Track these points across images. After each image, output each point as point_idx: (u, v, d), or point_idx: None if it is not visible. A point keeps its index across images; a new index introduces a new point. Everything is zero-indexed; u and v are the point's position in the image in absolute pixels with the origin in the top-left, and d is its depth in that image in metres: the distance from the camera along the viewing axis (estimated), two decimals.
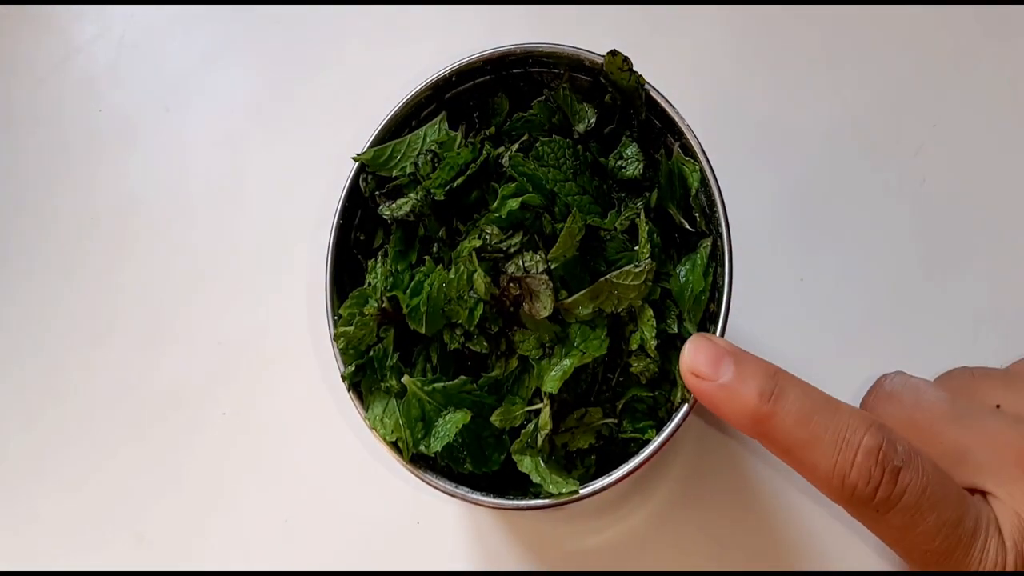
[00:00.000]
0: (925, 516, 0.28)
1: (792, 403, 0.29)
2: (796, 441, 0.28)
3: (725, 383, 0.29)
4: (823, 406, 0.29)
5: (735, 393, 0.29)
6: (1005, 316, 0.45)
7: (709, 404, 0.30)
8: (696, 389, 0.30)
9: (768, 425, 0.29)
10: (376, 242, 0.41)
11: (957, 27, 0.50)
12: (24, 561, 0.49)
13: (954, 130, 0.48)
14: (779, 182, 0.49)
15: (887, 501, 0.28)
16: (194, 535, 0.48)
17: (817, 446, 0.28)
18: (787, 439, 0.29)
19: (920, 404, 0.36)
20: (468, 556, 0.46)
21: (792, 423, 0.28)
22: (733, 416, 0.29)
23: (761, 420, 0.29)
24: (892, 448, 0.28)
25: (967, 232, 0.47)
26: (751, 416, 0.29)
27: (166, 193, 0.55)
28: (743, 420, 0.29)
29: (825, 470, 0.28)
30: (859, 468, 0.28)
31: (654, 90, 0.37)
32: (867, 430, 0.28)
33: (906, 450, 0.29)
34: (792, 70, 0.51)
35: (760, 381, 0.29)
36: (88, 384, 0.52)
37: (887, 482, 0.28)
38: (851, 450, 0.28)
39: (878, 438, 0.28)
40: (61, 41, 0.60)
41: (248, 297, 0.52)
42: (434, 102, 0.40)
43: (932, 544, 0.28)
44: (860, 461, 0.28)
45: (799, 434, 0.28)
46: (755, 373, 0.29)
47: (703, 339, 0.31)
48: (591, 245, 0.35)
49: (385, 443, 0.35)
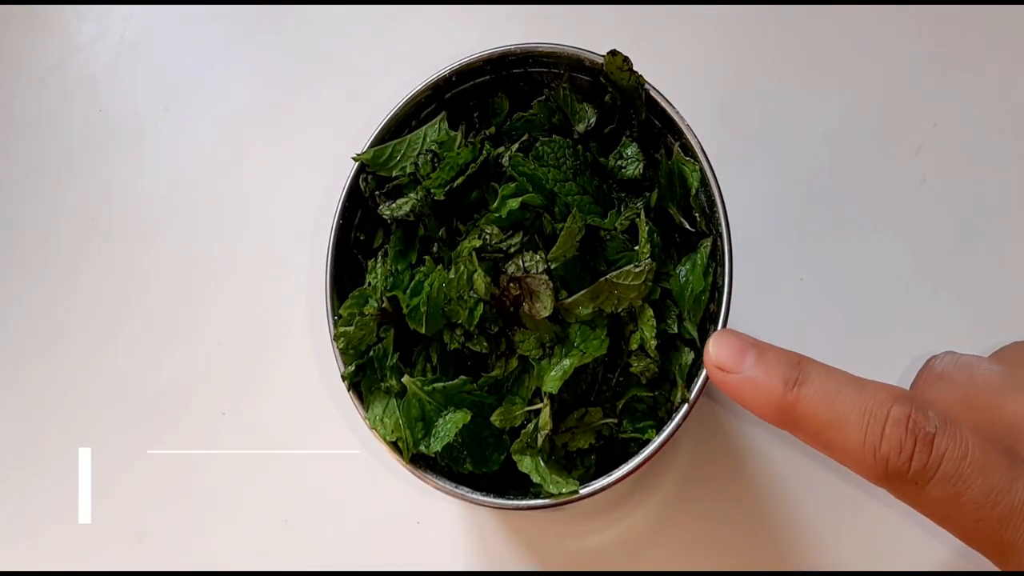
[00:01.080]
0: (969, 483, 0.26)
1: (817, 387, 0.28)
2: (823, 423, 0.28)
3: (750, 374, 0.29)
4: (848, 385, 0.28)
5: (760, 383, 0.29)
6: (1005, 315, 0.45)
7: (736, 396, 0.30)
8: (722, 382, 0.30)
9: (795, 412, 0.28)
10: (376, 242, 0.41)
11: (957, 27, 0.50)
12: (24, 561, 0.49)
13: (954, 130, 0.48)
14: (779, 182, 0.49)
15: (924, 471, 0.26)
16: (194, 535, 0.48)
17: (844, 425, 0.27)
18: (814, 423, 0.28)
19: (974, 380, 0.34)
20: (468, 556, 0.46)
21: (818, 406, 0.28)
22: (760, 407, 0.29)
23: (787, 408, 0.28)
24: (922, 415, 0.27)
25: (967, 232, 0.47)
26: (777, 405, 0.28)
27: (166, 193, 0.55)
28: (770, 410, 0.29)
29: (855, 448, 0.27)
30: (889, 439, 0.27)
31: (654, 90, 0.37)
32: (895, 401, 0.27)
33: (939, 417, 0.27)
34: (792, 70, 0.51)
35: (784, 369, 0.29)
36: (88, 384, 0.52)
37: (921, 451, 0.26)
38: (879, 423, 0.27)
39: (906, 407, 0.27)
40: (61, 41, 0.60)
41: (248, 297, 0.52)
42: (434, 102, 0.40)
43: (983, 513, 0.26)
44: (889, 432, 0.27)
45: (826, 416, 0.28)
46: (779, 362, 0.29)
47: (726, 333, 0.31)
48: (591, 245, 0.35)
49: (385, 443, 0.35)
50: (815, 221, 0.48)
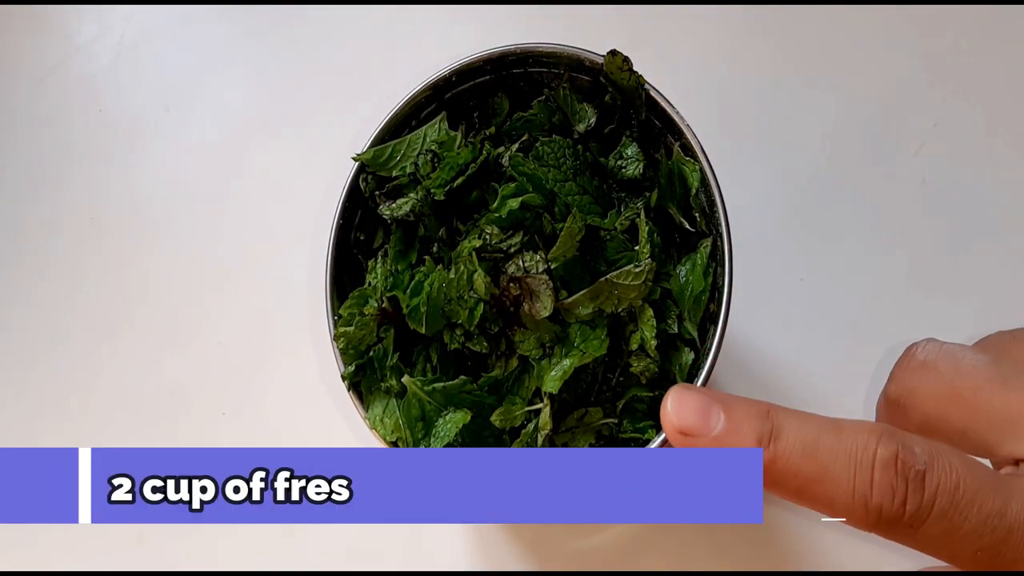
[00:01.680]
0: (966, 515, 0.25)
1: (793, 439, 0.26)
2: (806, 478, 0.26)
3: (718, 436, 0.26)
4: (826, 431, 0.26)
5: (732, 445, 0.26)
6: (1005, 315, 0.45)
7: None
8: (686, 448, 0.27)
9: (774, 470, 0.26)
10: (376, 242, 0.41)
11: (957, 27, 0.50)
12: (24, 561, 0.49)
13: (954, 130, 0.48)
14: (779, 182, 0.49)
15: (919, 512, 0.25)
16: (194, 535, 0.48)
17: (829, 476, 0.25)
18: (796, 479, 0.26)
19: (960, 370, 0.32)
20: (468, 556, 0.46)
21: (798, 460, 0.26)
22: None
23: (765, 468, 0.26)
24: (910, 453, 0.25)
25: (967, 232, 0.47)
26: None
27: (166, 193, 0.55)
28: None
29: (845, 500, 0.25)
30: (879, 486, 0.25)
31: (654, 90, 0.37)
32: (879, 441, 0.25)
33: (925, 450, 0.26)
34: (792, 70, 0.51)
35: (755, 424, 0.26)
36: (89, 384, 0.52)
37: (914, 492, 0.25)
38: (866, 469, 0.25)
39: (891, 446, 0.25)
40: (61, 41, 0.60)
41: (248, 297, 0.52)
42: (434, 102, 0.40)
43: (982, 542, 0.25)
44: (879, 478, 0.25)
45: (808, 469, 0.26)
46: (748, 416, 0.27)
47: (684, 391, 0.28)
48: (591, 245, 0.35)
49: (385, 443, 0.35)
50: (815, 221, 0.48)
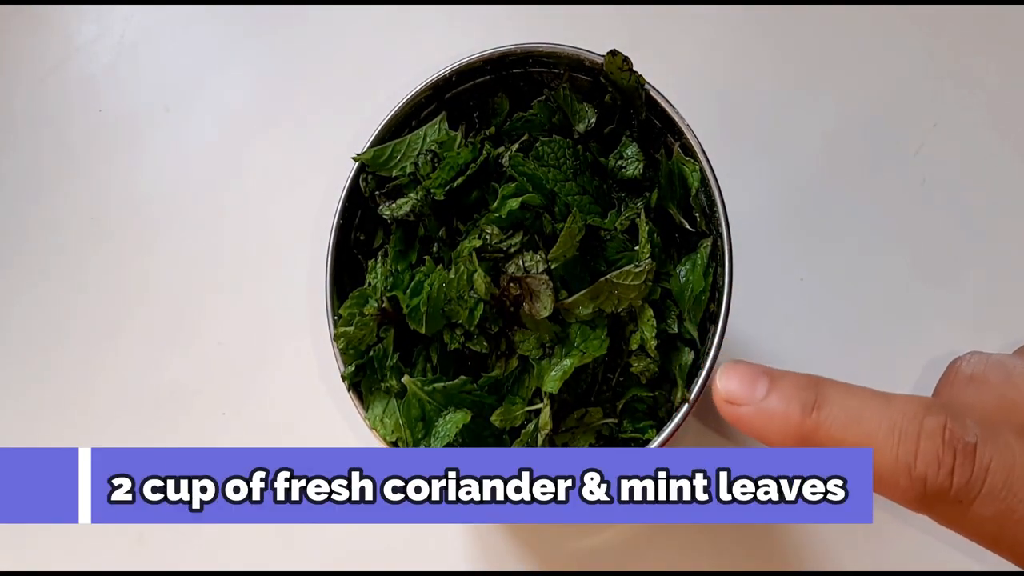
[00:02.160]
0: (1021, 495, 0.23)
1: (838, 407, 0.26)
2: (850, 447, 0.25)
3: (763, 404, 0.26)
4: (872, 401, 0.26)
5: (775, 412, 0.26)
6: (1006, 315, 0.45)
7: (750, 430, 0.27)
8: (734, 417, 0.27)
9: (816, 438, 0.26)
10: (376, 242, 0.41)
11: (956, 27, 0.50)
12: (24, 561, 0.49)
13: (954, 130, 0.48)
14: (779, 182, 0.49)
15: (968, 487, 0.23)
16: (194, 535, 0.48)
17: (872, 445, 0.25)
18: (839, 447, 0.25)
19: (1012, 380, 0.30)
20: (468, 556, 0.46)
21: (841, 428, 0.25)
22: (777, 437, 0.26)
23: (808, 435, 0.26)
24: (959, 424, 0.24)
25: (967, 232, 0.47)
26: (796, 433, 0.26)
27: (166, 193, 0.55)
28: (789, 440, 0.26)
29: (888, 469, 0.24)
30: (924, 456, 0.24)
31: (654, 90, 0.37)
32: (927, 412, 0.24)
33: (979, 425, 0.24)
34: (792, 70, 0.51)
35: (800, 394, 0.26)
36: (89, 384, 0.52)
37: (962, 464, 0.23)
38: (911, 438, 0.24)
39: (940, 417, 0.24)
40: (61, 41, 0.60)
41: (248, 297, 0.52)
42: (434, 102, 0.40)
43: None
44: (924, 447, 0.24)
45: (851, 438, 0.25)
46: (793, 386, 0.26)
47: (733, 363, 0.28)
48: (591, 245, 0.35)
49: (385, 443, 0.35)
50: (815, 221, 0.48)
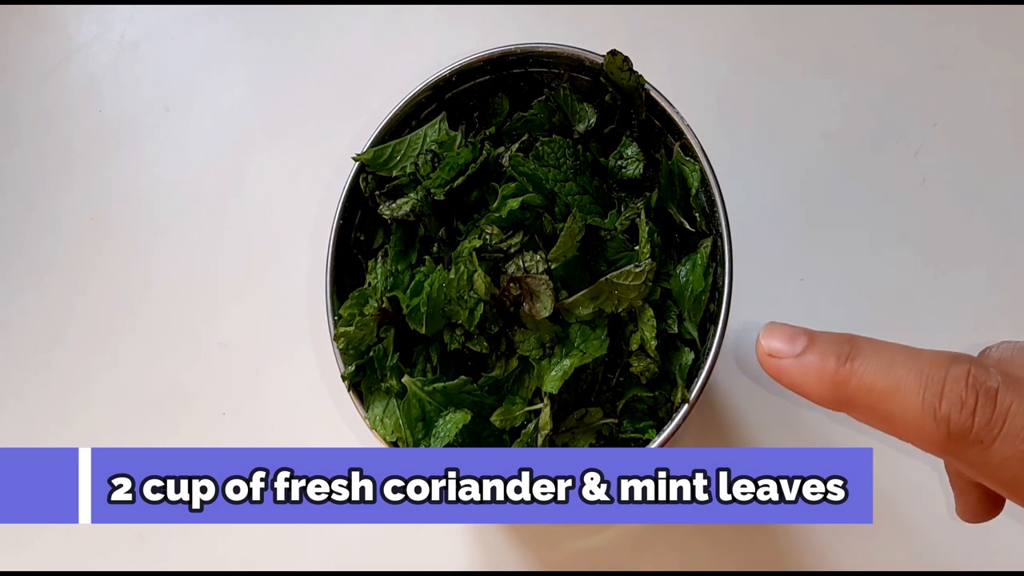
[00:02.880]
0: None
1: (871, 358, 0.28)
2: (880, 393, 0.27)
3: (801, 356, 0.29)
4: (903, 353, 0.28)
5: (812, 364, 0.28)
6: (1006, 315, 0.45)
7: (789, 381, 0.29)
8: (774, 368, 0.30)
9: (850, 386, 0.28)
10: (376, 242, 0.41)
11: (957, 27, 0.50)
12: (24, 561, 0.49)
13: (954, 130, 0.48)
14: (779, 182, 0.49)
15: (988, 427, 0.25)
16: (194, 535, 0.48)
17: (902, 390, 0.27)
18: (870, 395, 0.27)
19: None
20: (468, 556, 0.46)
21: (873, 376, 0.27)
22: (814, 386, 0.28)
23: (841, 383, 0.28)
24: (983, 371, 0.26)
25: (967, 232, 0.47)
26: (831, 382, 0.28)
27: (166, 193, 0.55)
28: (823, 388, 0.28)
29: (915, 412, 0.26)
30: (949, 397, 0.26)
31: (654, 90, 0.37)
32: (952, 361, 0.26)
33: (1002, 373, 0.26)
34: (792, 70, 0.51)
35: (835, 346, 0.28)
36: (89, 384, 0.52)
37: (984, 405, 0.25)
38: (938, 383, 0.26)
39: (965, 364, 0.26)
40: (61, 41, 0.60)
41: (248, 298, 0.52)
42: (434, 102, 0.40)
43: None
44: (949, 390, 0.26)
45: (881, 384, 0.27)
46: (830, 340, 0.29)
47: (775, 324, 0.31)
48: (591, 245, 0.35)
49: (385, 443, 0.35)
50: (815, 221, 0.48)
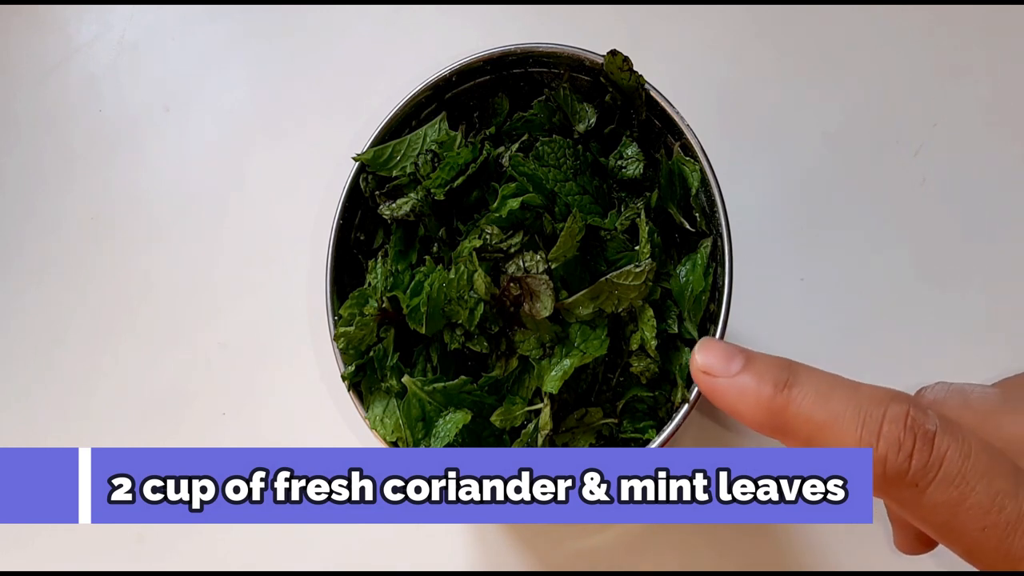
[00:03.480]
0: (973, 486, 0.25)
1: (809, 387, 0.27)
2: (816, 425, 0.26)
3: (737, 377, 0.28)
4: (842, 386, 0.27)
5: (748, 386, 0.28)
6: (1006, 315, 0.45)
7: (722, 401, 0.29)
8: (708, 387, 0.29)
9: (786, 414, 0.27)
10: (376, 242, 0.41)
11: (957, 27, 0.50)
12: (24, 561, 0.49)
13: (954, 130, 0.48)
14: (779, 182, 0.49)
15: (924, 470, 0.25)
16: (194, 535, 0.48)
17: (839, 424, 0.26)
18: (807, 425, 0.27)
19: (969, 404, 0.33)
20: (468, 556, 0.46)
21: (810, 406, 0.27)
22: (748, 410, 0.28)
23: (777, 410, 0.27)
24: (922, 413, 0.26)
25: (967, 232, 0.47)
26: (767, 408, 0.27)
27: (166, 193, 0.55)
28: (759, 413, 0.27)
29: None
30: (887, 438, 0.25)
31: (654, 90, 0.37)
32: (892, 399, 0.26)
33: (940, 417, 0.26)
34: (792, 70, 0.51)
35: (774, 372, 0.28)
36: (89, 384, 0.52)
37: (921, 448, 0.25)
38: (875, 421, 0.26)
39: (904, 405, 0.26)
40: (61, 41, 0.60)
41: (248, 298, 0.52)
42: (434, 102, 0.40)
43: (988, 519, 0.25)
44: (887, 430, 0.25)
45: (818, 416, 0.26)
46: (768, 364, 0.28)
47: (712, 340, 0.30)
48: (591, 245, 0.35)
49: (385, 443, 0.35)
50: (815, 221, 0.48)
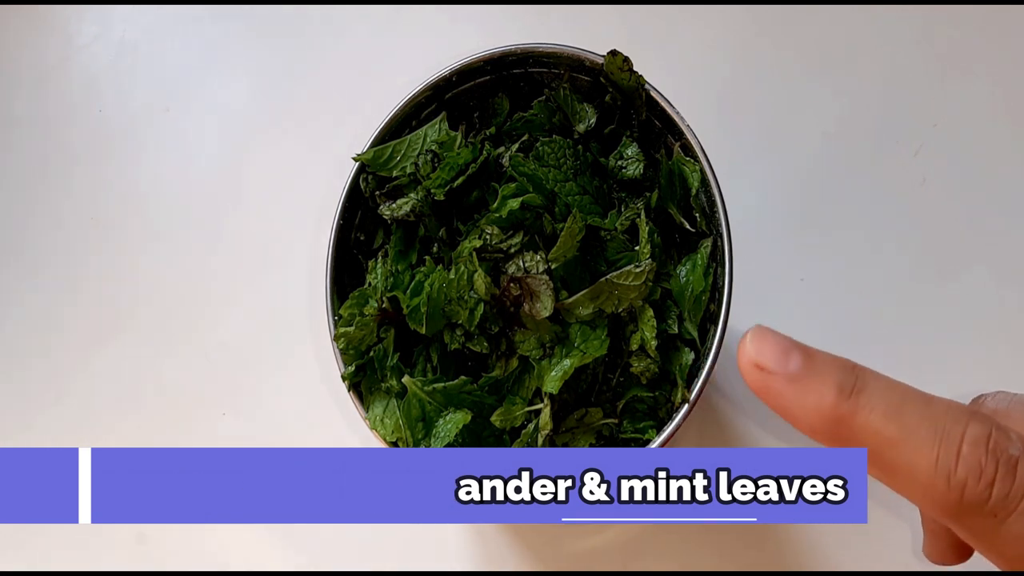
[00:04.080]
0: None
1: (877, 397, 0.24)
2: (886, 440, 0.24)
3: (795, 375, 0.25)
4: (914, 397, 0.24)
5: (808, 388, 0.24)
6: (1005, 315, 0.45)
7: (775, 403, 0.25)
8: (759, 384, 0.25)
9: (850, 425, 0.24)
10: (376, 242, 0.41)
11: (957, 27, 0.50)
12: (24, 561, 0.49)
13: (954, 130, 0.48)
14: (779, 182, 0.49)
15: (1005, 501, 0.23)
16: (194, 535, 0.48)
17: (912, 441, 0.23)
18: (875, 438, 0.24)
19: None
20: (468, 556, 0.46)
21: (879, 419, 0.24)
22: (806, 416, 0.25)
23: (842, 419, 0.24)
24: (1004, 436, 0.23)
25: (967, 232, 0.47)
26: (829, 415, 0.24)
27: (167, 194, 0.55)
28: (819, 421, 0.24)
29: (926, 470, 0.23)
30: (966, 461, 0.23)
31: (654, 90, 0.37)
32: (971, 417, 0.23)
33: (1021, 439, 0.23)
34: (792, 70, 0.51)
35: (837, 374, 0.25)
36: (89, 384, 0.52)
37: (1004, 476, 0.23)
38: (954, 442, 0.23)
39: (986, 426, 0.23)
40: (61, 41, 0.60)
41: (249, 298, 0.52)
42: (434, 102, 0.40)
43: None
44: (967, 453, 0.23)
45: (889, 431, 0.24)
46: (830, 365, 0.25)
47: (765, 329, 0.26)
48: (591, 245, 0.35)
49: (385, 443, 0.35)
50: (815, 221, 0.48)
